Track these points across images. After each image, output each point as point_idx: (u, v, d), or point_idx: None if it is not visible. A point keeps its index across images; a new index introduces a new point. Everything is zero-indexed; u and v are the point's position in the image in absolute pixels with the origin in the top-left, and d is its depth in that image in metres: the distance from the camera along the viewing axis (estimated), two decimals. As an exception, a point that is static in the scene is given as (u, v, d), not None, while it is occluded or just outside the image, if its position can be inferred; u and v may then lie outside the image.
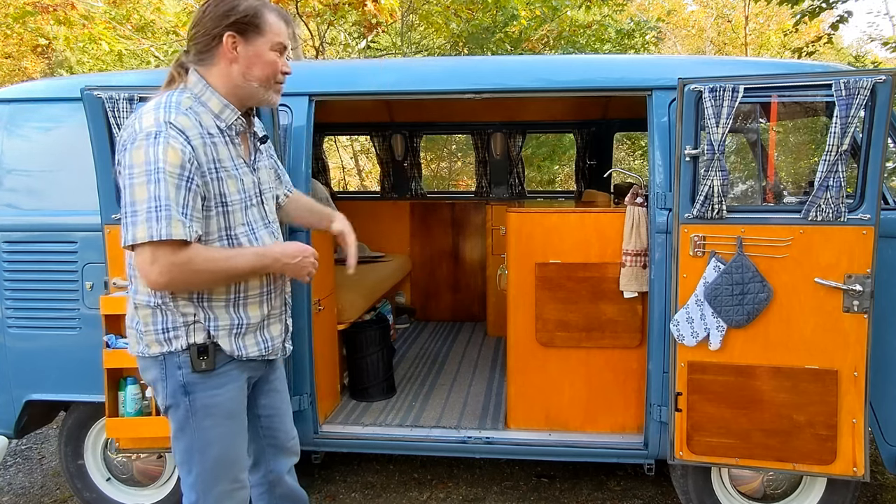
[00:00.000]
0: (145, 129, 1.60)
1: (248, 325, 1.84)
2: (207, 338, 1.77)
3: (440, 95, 2.96)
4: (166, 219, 1.57)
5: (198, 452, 1.82)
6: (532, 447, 2.99)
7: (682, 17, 17.34)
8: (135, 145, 1.59)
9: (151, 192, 1.57)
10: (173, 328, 1.75)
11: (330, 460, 3.64)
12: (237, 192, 1.77)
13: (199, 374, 1.77)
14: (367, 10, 7.85)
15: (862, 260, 2.41)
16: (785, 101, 2.59)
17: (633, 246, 2.81)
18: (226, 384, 1.82)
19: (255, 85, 1.76)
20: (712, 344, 2.55)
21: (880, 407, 2.61)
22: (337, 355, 3.56)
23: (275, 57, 1.77)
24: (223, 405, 1.82)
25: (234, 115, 1.77)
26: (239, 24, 1.70)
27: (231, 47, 1.71)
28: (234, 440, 1.88)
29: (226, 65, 1.73)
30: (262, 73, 1.76)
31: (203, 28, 1.72)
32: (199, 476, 1.83)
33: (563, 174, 11.62)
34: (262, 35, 1.74)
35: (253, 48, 1.73)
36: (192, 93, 1.73)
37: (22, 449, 4.07)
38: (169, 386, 1.79)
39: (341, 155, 12.04)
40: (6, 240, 2.95)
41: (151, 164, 1.57)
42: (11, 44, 11.76)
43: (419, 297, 5.54)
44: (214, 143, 1.71)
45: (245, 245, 1.79)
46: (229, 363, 1.82)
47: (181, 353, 1.76)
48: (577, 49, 9.72)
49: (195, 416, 1.80)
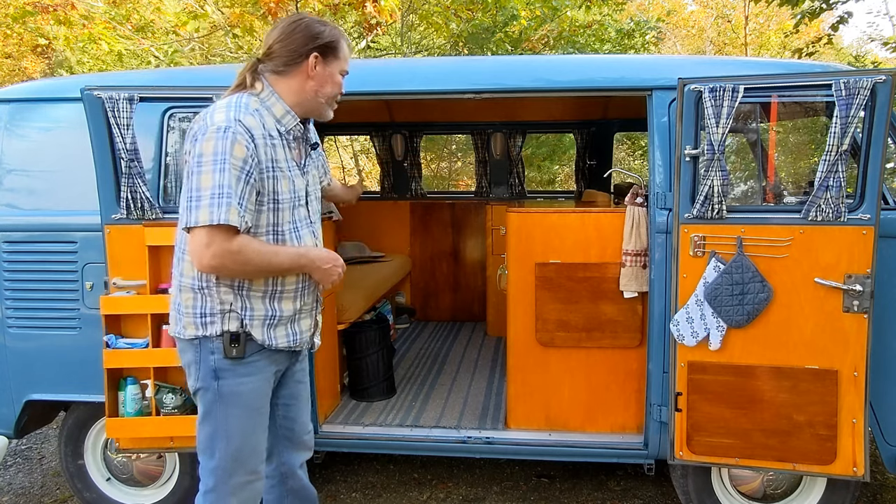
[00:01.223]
0: (216, 124, 1.77)
1: (281, 317, 1.96)
2: (240, 326, 1.89)
3: (440, 95, 2.96)
4: (226, 205, 1.72)
5: (221, 439, 1.92)
6: (532, 447, 2.99)
7: (682, 17, 17.34)
8: (205, 137, 1.76)
9: (216, 180, 1.73)
10: (210, 314, 1.88)
11: (330, 460, 3.64)
12: (288, 191, 1.92)
13: (230, 361, 1.89)
14: (367, 11, 7.85)
15: (862, 260, 2.41)
16: (785, 101, 2.59)
17: (633, 246, 2.81)
18: (253, 374, 1.94)
19: (322, 101, 1.99)
20: (712, 344, 2.55)
21: (880, 407, 2.61)
22: (337, 355, 3.56)
23: (341, 79, 2.02)
24: (248, 394, 1.93)
25: (294, 121, 1.96)
26: (323, 48, 1.94)
27: (313, 66, 1.93)
28: (256, 430, 1.98)
29: (302, 79, 1.94)
30: (331, 91, 2.00)
31: (292, 45, 1.91)
32: (220, 462, 1.93)
33: (563, 174, 11.62)
34: (338, 60, 1.98)
35: (328, 69, 1.96)
36: (260, 97, 1.91)
37: (22, 449, 4.07)
38: (202, 369, 1.91)
39: (341, 155, 12.03)
40: (6, 240, 2.95)
41: (219, 155, 1.73)
42: (11, 44, 11.75)
43: (419, 297, 5.54)
44: (273, 144, 1.88)
45: (288, 241, 1.94)
46: (258, 352, 1.94)
47: (215, 339, 1.89)
48: (577, 49, 9.72)
49: (222, 401, 1.91)
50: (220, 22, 9.45)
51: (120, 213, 2.74)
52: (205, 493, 1.97)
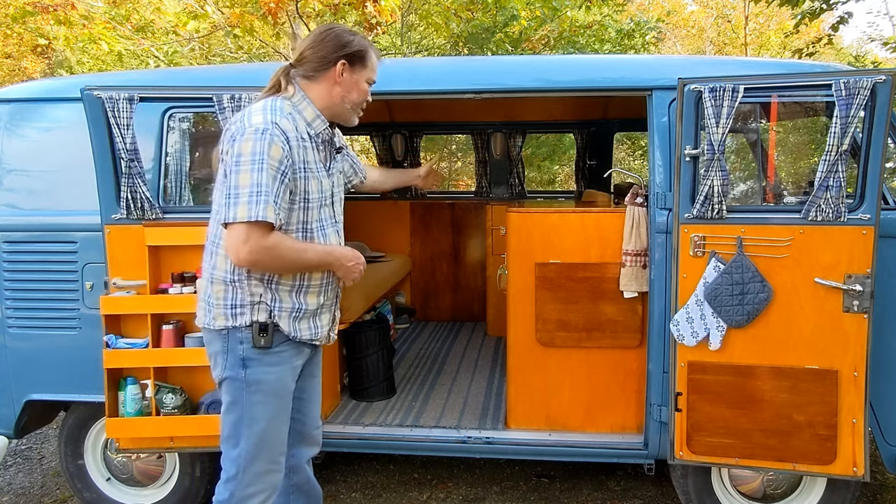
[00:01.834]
0: (254, 126, 1.86)
1: (305, 310, 2.06)
2: (269, 317, 1.99)
3: (440, 95, 2.96)
4: (264, 203, 1.81)
5: (245, 427, 2.00)
6: (532, 447, 2.99)
7: (682, 17, 17.34)
8: (244, 138, 1.85)
9: (255, 178, 1.81)
10: (240, 305, 1.97)
11: (330, 460, 3.64)
12: (317, 191, 2.02)
13: (258, 350, 1.98)
14: (367, 11, 7.85)
15: (862, 260, 2.41)
16: (785, 101, 2.59)
17: (633, 246, 2.81)
18: (279, 364, 2.03)
19: (348, 107, 2.08)
20: (712, 344, 2.55)
21: (880, 407, 2.61)
22: (337, 355, 3.56)
23: (367, 87, 2.10)
24: (273, 383, 2.02)
25: (324, 125, 2.05)
26: (351, 56, 2.02)
27: (340, 72, 2.02)
28: (279, 419, 2.06)
29: (329, 85, 2.03)
30: (357, 98, 2.08)
31: (322, 51, 2.01)
32: (244, 451, 2.00)
33: (563, 174, 11.63)
34: (365, 68, 2.07)
35: (355, 77, 2.05)
36: (292, 101, 2.00)
37: (22, 449, 4.07)
38: (230, 358, 1.99)
39: (341, 155, 12.02)
40: (6, 240, 2.95)
41: (258, 155, 1.82)
42: (11, 44, 11.76)
43: (419, 297, 5.54)
44: (305, 146, 1.97)
45: (315, 238, 2.04)
46: (284, 343, 2.03)
47: (244, 329, 1.98)
48: (578, 49, 9.72)
49: (248, 389, 1.99)
50: (220, 22, 9.45)
51: (120, 213, 2.74)
52: (226, 480, 2.03)
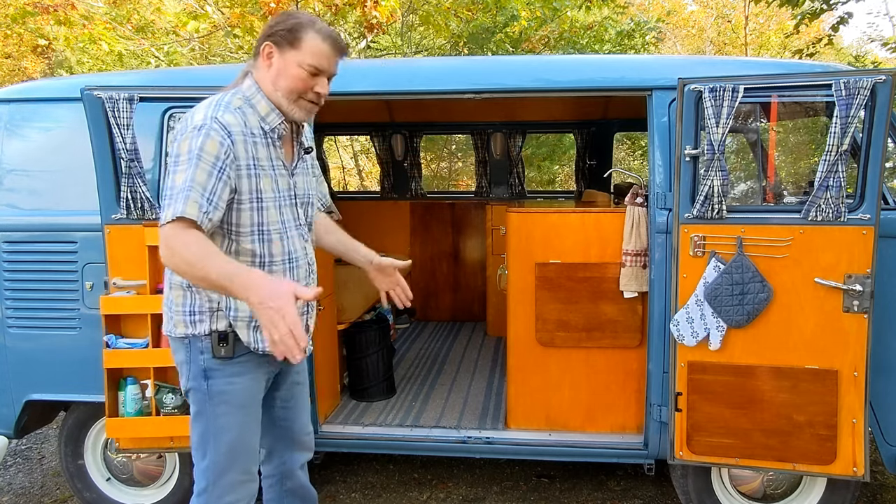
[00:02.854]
0: (194, 123, 1.74)
1: None
2: (228, 326, 1.86)
3: (440, 95, 2.96)
4: (185, 199, 1.66)
5: (212, 438, 1.89)
6: (532, 447, 2.99)
7: (682, 17, 17.33)
8: (182, 137, 1.74)
9: (187, 175, 1.69)
10: (199, 311, 1.86)
11: (330, 460, 3.64)
12: (272, 190, 1.86)
13: (219, 361, 1.87)
14: (368, 11, 7.85)
15: (862, 260, 2.41)
16: (785, 101, 2.59)
17: (633, 246, 2.81)
18: (243, 374, 1.90)
19: (280, 95, 1.84)
20: (712, 344, 2.55)
21: (880, 407, 2.61)
22: (337, 355, 3.56)
23: (303, 74, 1.82)
24: (238, 394, 1.90)
25: (279, 119, 1.88)
26: (276, 37, 1.82)
27: (266, 56, 1.84)
28: (247, 430, 1.94)
29: (263, 72, 1.86)
30: (287, 84, 1.83)
31: (259, 37, 1.88)
32: (212, 462, 1.90)
33: (563, 174, 11.62)
34: (295, 49, 1.81)
35: (283, 60, 1.82)
36: (245, 95, 1.86)
37: (22, 449, 4.07)
38: (192, 368, 1.89)
39: (341, 155, 12.04)
40: (6, 240, 2.95)
41: (194, 152, 1.70)
42: (11, 44, 11.75)
43: (419, 297, 5.53)
44: (255, 142, 1.82)
45: (276, 242, 1.88)
46: (247, 353, 1.90)
47: (204, 338, 1.86)
48: (578, 50, 9.72)
49: (212, 401, 1.88)
50: (220, 22, 9.45)
51: (120, 213, 2.74)
52: (198, 494, 1.94)
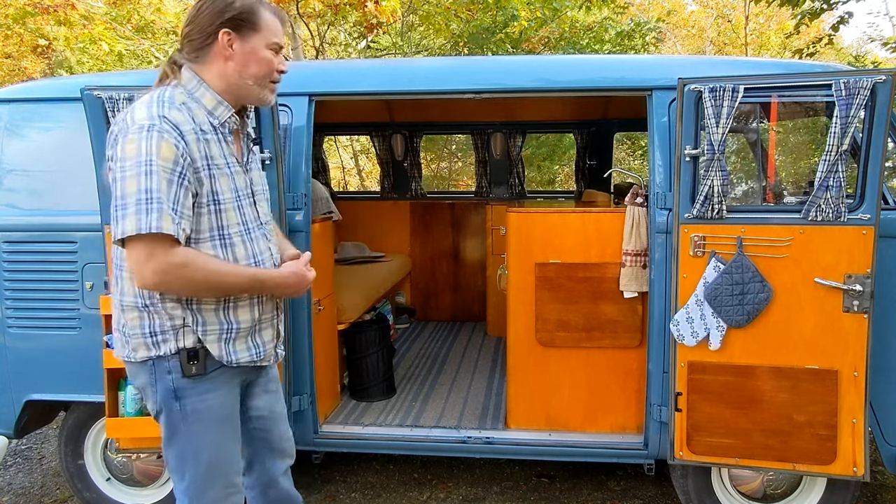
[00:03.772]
0: (138, 123, 1.58)
1: (239, 329, 1.79)
2: (197, 342, 1.73)
3: (440, 95, 2.96)
4: (157, 211, 1.54)
5: (191, 458, 1.79)
6: (532, 447, 2.99)
7: (682, 17, 17.33)
8: (127, 139, 1.57)
9: (142, 184, 1.54)
10: (161, 332, 1.71)
11: (330, 460, 3.64)
12: (229, 190, 1.74)
13: (190, 379, 1.74)
14: (368, 11, 7.85)
15: (862, 260, 2.41)
16: (785, 101, 2.59)
17: (633, 246, 2.81)
18: (217, 388, 1.79)
19: (251, 83, 1.75)
20: (712, 344, 2.55)
21: (880, 407, 2.61)
22: (337, 355, 3.56)
23: (270, 55, 1.76)
24: (215, 409, 1.79)
25: (228, 112, 1.76)
26: (235, 21, 1.69)
27: (227, 44, 1.70)
28: (227, 444, 1.85)
29: (221, 62, 1.72)
30: (258, 70, 1.75)
31: (198, 25, 1.71)
32: (192, 481, 1.80)
33: (563, 174, 11.63)
34: (258, 32, 1.73)
35: (249, 45, 1.72)
36: (186, 89, 1.71)
37: (22, 449, 4.07)
38: (159, 391, 1.75)
39: (341, 155, 12.04)
40: (6, 240, 2.95)
41: (143, 157, 1.55)
42: (11, 44, 11.75)
43: (419, 297, 5.54)
44: (207, 139, 1.69)
45: (238, 246, 1.76)
46: (219, 367, 1.78)
47: (170, 358, 1.73)
48: (578, 50, 9.72)
49: (186, 421, 1.76)
50: (220, 22, 9.43)
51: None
52: None
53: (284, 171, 2.84)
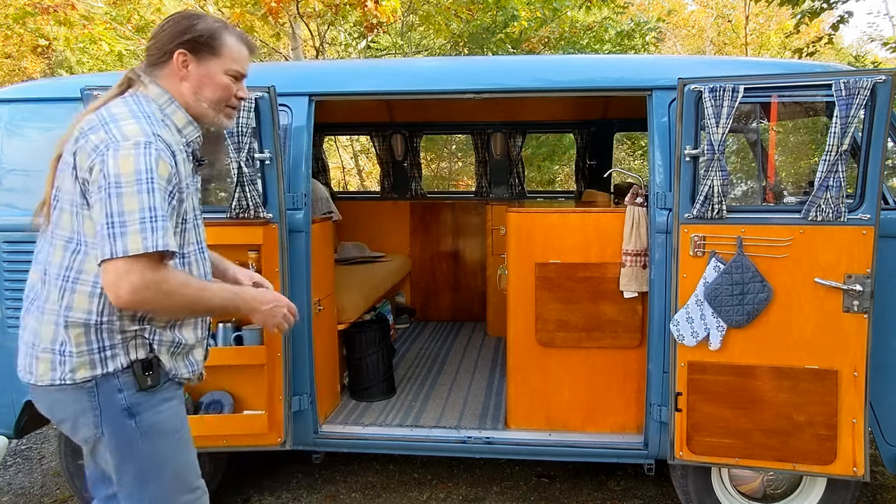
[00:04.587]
0: (132, 139, 1.53)
1: (184, 345, 1.76)
2: (150, 352, 1.68)
3: (440, 95, 2.96)
4: (162, 229, 1.51)
5: (153, 473, 1.71)
6: (532, 447, 2.99)
7: (682, 17, 17.34)
8: (121, 153, 1.51)
9: (146, 202, 1.50)
10: (110, 346, 1.63)
11: (330, 460, 3.64)
12: (192, 209, 1.73)
13: (145, 392, 1.67)
14: (368, 10, 7.86)
15: (862, 260, 2.41)
16: (785, 101, 2.59)
17: (633, 246, 2.81)
18: (170, 398, 1.74)
19: (205, 105, 1.72)
20: (712, 344, 2.55)
21: (880, 407, 2.61)
22: (337, 355, 3.56)
23: (228, 80, 1.73)
24: (171, 420, 1.73)
25: (197, 132, 1.74)
26: (193, 43, 1.68)
27: (181, 65, 1.68)
28: (186, 450, 1.79)
29: (174, 81, 1.70)
30: (213, 94, 1.72)
31: (158, 42, 1.69)
32: (158, 497, 1.73)
33: (563, 174, 11.63)
34: (218, 57, 1.71)
35: (205, 68, 1.70)
36: (157, 104, 1.68)
37: (22, 449, 4.07)
38: (104, 414, 1.64)
39: (341, 155, 12.04)
40: (6, 240, 2.95)
41: (145, 174, 1.51)
42: (11, 44, 11.76)
43: (419, 297, 5.54)
44: (184, 159, 1.68)
45: (193, 264, 1.75)
46: (168, 380, 1.74)
47: (120, 374, 1.64)
48: (578, 50, 9.73)
49: (145, 437, 1.67)
50: (220, 22, 9.43)
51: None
52: None
53: (284, 171, 2.84)
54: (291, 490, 3.40)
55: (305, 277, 2.91)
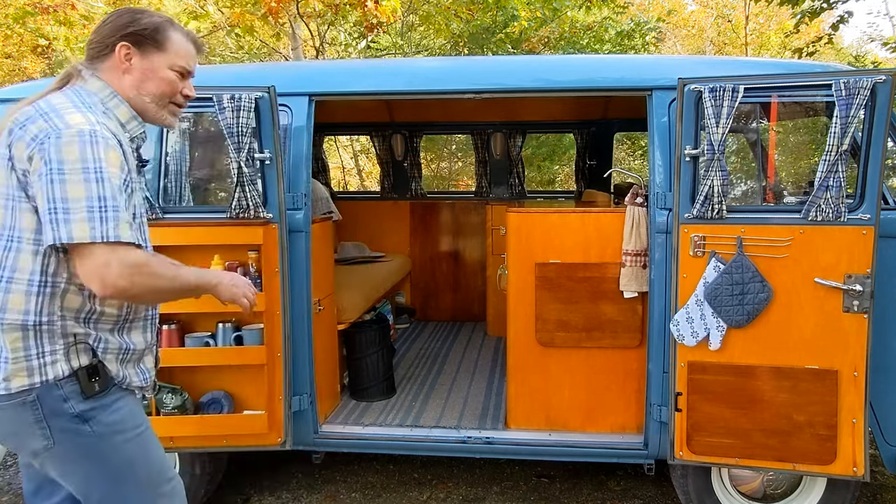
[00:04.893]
0: (75, 127, 1.46)
1: (133, 351, 1.68)
2: (93, 357, 1.58)
3: (440, 95, 2.96)
4: (114, 220, 1.44)
5: (127, 474, 1.63)
6: (532, 447, 2.99)
7: (682, 17, 17.35)
8: (62, 141, 1.44)
9: (93, 191, 1.43)
10: (51, 352, 1.52)
11: (330, 460, 3.64)
12: (140, 205, 1.68)
13: (93, 399, 1.57)
14: (368, 10, 7.86)
15: (862, 260, 2.41)
16: (785, 101, 2.60)
17: (633, 246, 2.81)
18: (124, 397, 1.65)
19: (148, 100, 1.67)
20: (712, 344, 2.55)
21: (880, 407, 2.61)
22: (337, 355, 3.56)
23: (173, 77, 1.69)
24: (130, 417, 1.64)
25: (141, 128, 1.69)
26: (136, 36, 1.63)
27: (124, 58, 1.63)
28: (153, 443, 1.72)
29: (117, 75, 1.64)
30: (157, 89, 1.67)
31: (101, 35, 1.64)
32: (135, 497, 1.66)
33: (563, 174, 11.63)
34: (163, 52, 1.66)
35: (149, 62, 1.65)
36: (99, 97, 1.62)
37: (22, 449, 4.07)
38: (53, 426, 1.53)
39: (341, 155, 12.05)
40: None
41: (91, 163, 1.44)
42: (11, 44, 11.75)
43: (419, 297, 5.54)
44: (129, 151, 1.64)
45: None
46: (116, 386, 1.64)
47: (63, 383, 1.53)
48: (578, 50, 9.73)
49: (105, 439, 1.58)
50: (220, 22, 9.45)
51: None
52: None
53: (284, 171, 2.84)
54: (291, 490, 3.40)
55: (305, 277, 2.91)
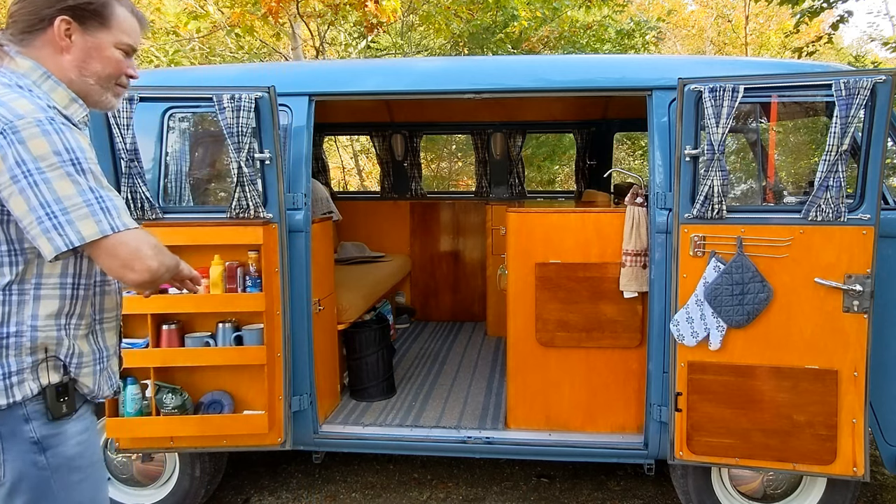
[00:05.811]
0: (29, 116, 1.30)
1: (108, 356, 1.55)
2: (64, 373, 1.44)
3: (440, 95, 2.97)
4: (114, 207, 1.35)
5: None
6: (532, 447, 2.99)
7: (682, 17, 17.35)
8: (23, 135, 1.29)
9: (82, 183, 1.32)
10: (17, 371, 1.38)
11: (330, 460, 3.64)
12: None
13: (57, 423, 1.42)
14: (368, 10, 7.86)
15: (862, 260, 2.41)
16: (785, 101, 2.60)
17: (633, 246, 2.81)
18: (86, 426, 1.50)
19: (92, 81, 1.49)
20: (712, 344, 2.55)
21: (880, 407, 2.61)
22: (337, 355, 3.56)
23: (119, 56, 1.51)
24: (88, 451, 1.49)
25: (84, 112, 1.50)
26: (78, 10, 1.43)
27: (63, 34, 1.43)
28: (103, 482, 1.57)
29: (53, 53, 1.44)
30: (102, 69, 1.49)
31: (32, 5, 1.42)
32: None
33: (563, 174, 11.63)
34: (107, 29, 1.48)
35: (93, 40, 1.46)
36: (33, 80, 1.42)
37: (22, 449, 4.07)
38: (8, 449, 1.37)
39: (341, 155, 12.04)
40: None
41: (65, 155, 1.31)
42: (11, 44, 11.76)
43: (419, 297, 5.54)
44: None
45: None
46: (84, 403, 1.50)
47: (29, 403, 1.39)
48: (578, 49, 9.73)
49: (58, 475, 1.42)
50: (220, 22, 9.46)
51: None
52: None
53: (284, 171, 2.84)
54: (291, 490, 3.40)
55: (305, 277, 2.91)
